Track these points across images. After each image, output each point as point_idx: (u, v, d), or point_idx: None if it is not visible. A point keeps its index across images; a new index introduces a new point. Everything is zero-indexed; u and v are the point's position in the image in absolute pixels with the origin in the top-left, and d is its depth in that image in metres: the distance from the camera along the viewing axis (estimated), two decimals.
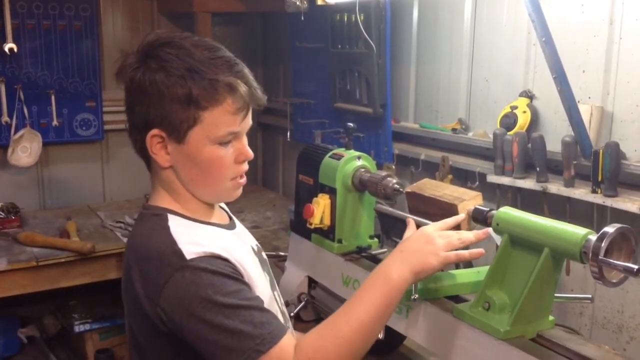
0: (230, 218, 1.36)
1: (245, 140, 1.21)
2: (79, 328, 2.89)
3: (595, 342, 1.99)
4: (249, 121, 1.19)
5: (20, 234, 2.68)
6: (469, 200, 1.54)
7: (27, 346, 3.03)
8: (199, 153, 1.16)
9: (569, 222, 1.99)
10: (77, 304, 3.03)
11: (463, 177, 2.46)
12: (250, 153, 1.21)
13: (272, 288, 1.33)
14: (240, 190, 1.25)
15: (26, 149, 3.11)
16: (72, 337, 2.99)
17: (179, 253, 1.09)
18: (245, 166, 1.22)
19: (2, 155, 3.11)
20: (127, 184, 3.47)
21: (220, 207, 1.36)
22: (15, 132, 3.08)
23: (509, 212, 1.27)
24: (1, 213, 2.86)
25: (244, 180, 1.23)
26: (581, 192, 1.97)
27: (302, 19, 2.52)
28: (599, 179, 1.90)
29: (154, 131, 1.15)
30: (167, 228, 1.14)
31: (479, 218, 1.32)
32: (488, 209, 1.31)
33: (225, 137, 1.16)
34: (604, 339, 2.05)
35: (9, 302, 2.64)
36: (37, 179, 3.32)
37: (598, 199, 1.92)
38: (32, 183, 3.32)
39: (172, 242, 1.11)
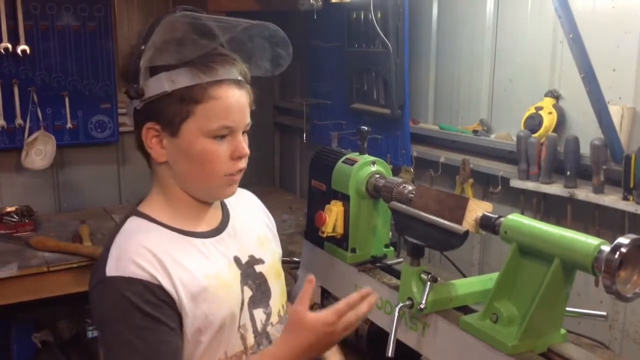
0: (225, 221, 1.31)
1: (241, 136, 1.19)
2: (92, 333, 2.87)
3: (625, 357, 1.91)
4: (245, 118, 1.18)
5: (32, 238, 2.65)
6: (479, 202, 1.47)
7: (41, 351, 3.01)
8: (192, 146, 1.15)
9: (598, 231, 1.95)
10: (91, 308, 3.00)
11: (485, 182, 2.38)
12: (246, 149, 1.19)
13: (252, 305, 1.27)
14: (233, 188, 1.23)
15: (40, 152, 3.09)
16: (86, 341, 2.96)
17: (103, 264, 1.12)
18: (242, 163, 1.20)
19: (16, 158, 3.09)
20: (144, 186, 3.36)
21: (224, 203, 1.33)
22: (29, 134, 3.06)
23: (517, 220, 1.24)
24: (15, 217, 2.85)
25: (238, 177, 1.22)
26: (611, 199, 1.90)
27: (315, 17, 2.48)
28: (631, 185, 1.83)
29: (149, 124, 1.16)
30: (120, 233, 1.17)
31: (487, 225, 1.29)
32: (497, 216, 1.28)
33: (218, 131, 1.15)
34: (635, 355, 1.95)
35: (23, 306, 2.61)
36: (52, 181, 3.30)
37: (630, 206, 1.84)
38: (48, 186, 3.30)
39: (109, 251, 1.14)
